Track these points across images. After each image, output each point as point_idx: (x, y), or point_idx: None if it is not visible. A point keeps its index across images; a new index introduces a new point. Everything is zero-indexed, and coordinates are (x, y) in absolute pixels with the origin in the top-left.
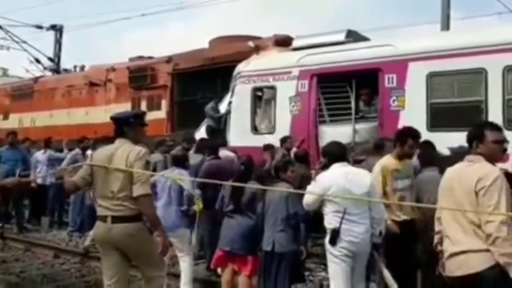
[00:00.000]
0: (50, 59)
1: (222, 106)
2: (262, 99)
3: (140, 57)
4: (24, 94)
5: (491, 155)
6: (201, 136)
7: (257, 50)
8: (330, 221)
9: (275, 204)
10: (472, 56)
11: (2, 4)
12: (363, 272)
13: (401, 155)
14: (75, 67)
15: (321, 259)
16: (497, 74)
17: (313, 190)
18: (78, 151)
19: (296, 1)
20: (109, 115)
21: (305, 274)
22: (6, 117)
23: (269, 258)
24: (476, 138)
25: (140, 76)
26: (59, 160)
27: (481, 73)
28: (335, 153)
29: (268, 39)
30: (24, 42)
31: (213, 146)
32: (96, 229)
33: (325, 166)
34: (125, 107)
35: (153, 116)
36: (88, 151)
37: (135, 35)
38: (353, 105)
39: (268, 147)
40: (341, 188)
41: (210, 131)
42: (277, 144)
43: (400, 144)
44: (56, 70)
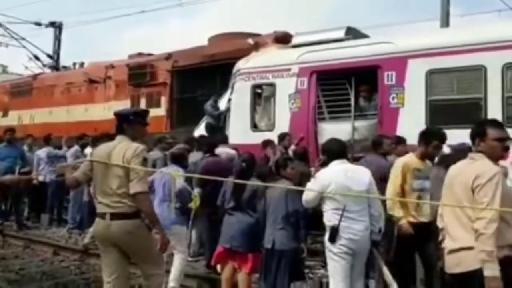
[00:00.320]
0: (49, 56)
1: (222, 103)
2: (261, 96)
3: (140, 54)
4: (23, 91)
5: (493, 153)
6: (200, 133)
7: (256, 47)
8: (329, 219)
9: (275, 202)
10: (472, 53)
11: (1, 1)
12: (363, 270)
13: (424, 155)
14: (74, 64)
15: (321, 256)
16: (496, 71)
17: (312, 187)
18: (77, 148)
19: None
20: (108, 112)
21: (305, 272)
22: (5, 114)
23: (269, 256)
24: (478, 135)
25: (139, 73)
26: (58, 157)
27: (480, 70)
28: (335, 150)
29: (267, 36)
30: (23, 39)
31: (210, 143)
32: (96, 226)
33: (325, 163)
34: (125, 104)
35: (152, 113)
36: (87, 149)
37: (135, 32)
38: (352, 102)
39: (267, 143)
40: (341, 185)
41: (210, 129)
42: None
43: (425, 144)
44: (55, 67)
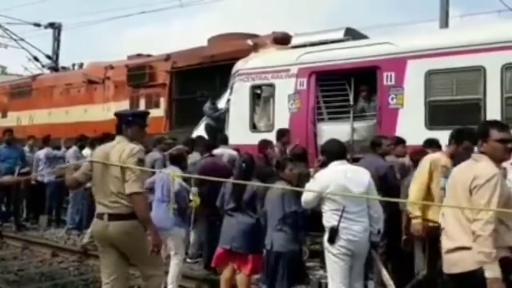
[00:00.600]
0: (48, 57)
1: (221, 104)
2: (260, 97)
3: (139, 55)
4: (23, 92)
5: (494, 154)
6: (200, 134)
7: (255, 48)
8: (328, 220)
9: (272, 203)
10: (471, 54)
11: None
12: (362, 271)
13: (454, 155)
14: (73, 65)
15: (319, 257)
16: (495, 72)
17: (311, 188)
18: (76, 148)
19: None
20: (107, 113)
21: (307, 273)
22: (4, 115)
23: (268, 257)
24: (481, 136)
25: (138, 74)
26: (56, 158)
27: (479, 71)
28: (334, 151)
29: (266, 37)
30: (22, 39)
31: (208, 144)
32: (94, 226)
33: (324, 164)
34: (124, 105)
35: (151, 114)
36: (85, 150)
37: (135, 33)
38: (351, 103)
39: (265, 143)
40: (340, 186)
41: (209, 130)
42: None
43: (455, 144)
44: (55, 68)
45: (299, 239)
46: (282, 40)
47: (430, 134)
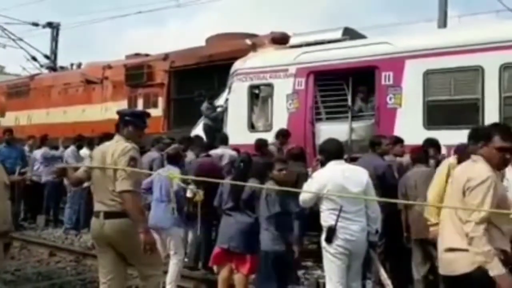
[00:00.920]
0: (46, 56)
1: (219, 104)
2: (259, 96)
3: (137, 55)
4: (21, 92)
5: (491, 160)
6: (198, 134)
7: (254, 47)
8: (326, 219)
9: (260, 203)
10: (469, 54)
11: None
12: (359, 270)
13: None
14: (71, 64)
15: (318, 257)
16: (494, 71)
17: (309, 187)
18: (73, 148)
19: None
20: (105, 113)
21: (298, 275)
22: (2, 115)
23: (259, 256)
24: (483, 138)
25: (136, 73)
26: (54, 158)
27: (478, 71)
28: (332, 151)
29: (265, 37)
30: (21, 39)
31: (204, 144)
32: (92, 225)
33: (322, 164)
34: (122, 105)
35: None
36: (82, 150)
37: (133, 33)
38: (349, 102)
39: (261, 143)
40: (338, 185)
41: (208, 130)
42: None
43: (474, 145)
44: (53, 68)
45: (287, 240)
46: (280, 40)
47: (428, 134)
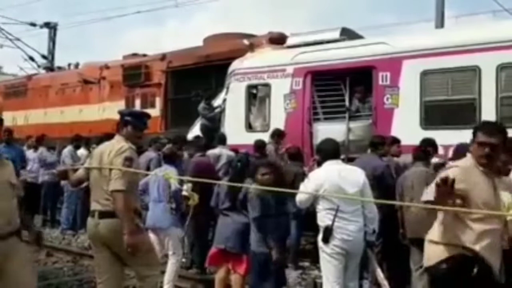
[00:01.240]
0: (44, 56)
1: (217, 104)
2: (256, 96)
3: (134, 55)
4: (18, 92)
5: (475, 156)
6: (195, 134)
7: (251, 47)
8: (322, 219)
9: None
10: (466, 54)
11: None
12: (356, 270)
13: None
14: (69, 65)
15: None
16: (490, 72)
17: (306, 187)
18: (71, 148)
19: None
20: (103, 113)
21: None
22: None
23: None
24: (473, 135)
25: (134, 74)
26: (50, 164)
27: (474, 71)
28: (329, 150)
29: (262, 37)
30: (18, 39)
31: (199, 145)
32: (87, 225)
33: (319, 163)
34: (119, 105)
35: None
36: (80, 150)
37: (131, 33)
38: (347, 103)
39: (260, 144)
40: (334, 185)
41: (205, 130)
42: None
43: None
44: (50, 68)
45: (267, 243)
46: (278, 40)
47: (425, 134)
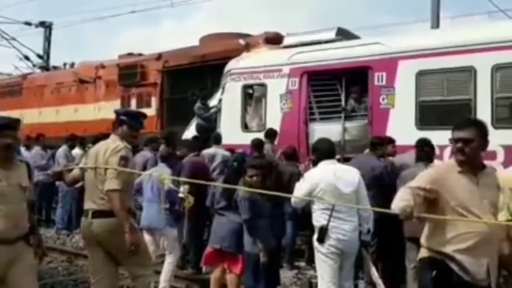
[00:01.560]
0: (39, 56)
1: (212, 103)
2: (252, 96)
3: (130, 54)
4: (13, 91)
5: (454, 155)
6: (191, 134)
7: (247, 47)
8: (318, 219)
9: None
10: (461, 55)
11: None
12: (351, 270)
13: None
14: (64, 64)
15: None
16: (486, 72)
17: (301, 187)
18: (65, 147)
19: None
20: (98, 113)
21: (279, 277)
22: None
23: None
24: None
25: (129, 73)
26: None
27: (470, 72)
28: (324, 150)
29: (258, 37)
30: (14, 39)
31: (191, 145)
32: (81, 224)
33: (314, 163)
34: (115, 104)
35: None
36: (75, 149)
37: (127, 32)
38: (343, 103)
39: (258, 143)
40: (330, 185)
41: (201, 130)
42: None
43: None
44: (46, 67)
45: (256, 245)
46: (274, 40)
47: (420, 134)
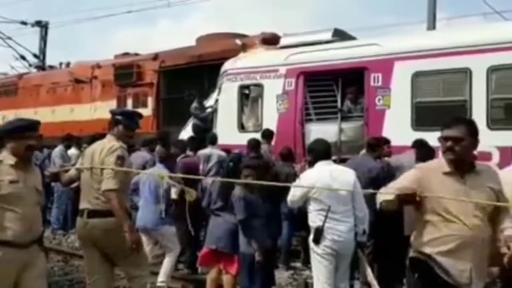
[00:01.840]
0: (35, 55)
1: (209, 104)
2: (249, 97)
3: (126, 54)
4: (8, 91)
5: (443, 155)
6: (188, 134)
7: (244, 48)
8: (313, 220)
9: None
10: (457, 56)
11: None
12: (347, 271)
13: None
14: (60, 64)
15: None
16: (481, 74)
17: (297, 188)
18: (61, 147)
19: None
20: (94, 113)
21: (274, 277)
22: None
23: None
24: None
25: (126, 73)
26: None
27: (465, 73)
28: (320, 151)
29: (255, 37)
30: (10, 38)
31: (185, 145)
32: (76, 224)
33: (310, 164)
34: (111, 104)
35: None
36: (71, 149)
37: (123, 32)
38: (339, 103)
39: (254, 143)
40: (325, 185)
41: (197, 130)
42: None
43: None
44: (42, 67)
45: (251, 245)
46: (270, 40)
47: (416, 135)
